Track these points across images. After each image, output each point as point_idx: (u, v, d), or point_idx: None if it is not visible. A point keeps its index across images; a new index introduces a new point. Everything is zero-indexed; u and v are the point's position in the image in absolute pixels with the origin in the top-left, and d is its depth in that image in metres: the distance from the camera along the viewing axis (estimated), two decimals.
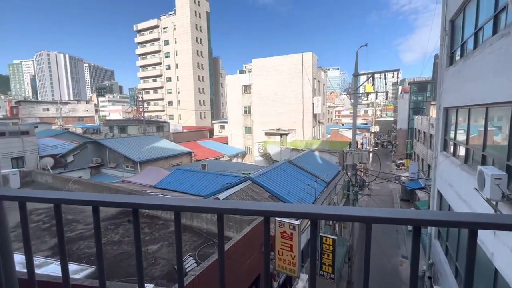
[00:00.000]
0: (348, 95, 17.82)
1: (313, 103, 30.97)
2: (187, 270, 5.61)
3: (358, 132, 33.56)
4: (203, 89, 63.18)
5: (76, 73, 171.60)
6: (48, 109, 53.66)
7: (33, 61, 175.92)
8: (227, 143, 36.17)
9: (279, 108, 32.24)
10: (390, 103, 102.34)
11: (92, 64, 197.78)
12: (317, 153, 20.90)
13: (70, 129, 39.92)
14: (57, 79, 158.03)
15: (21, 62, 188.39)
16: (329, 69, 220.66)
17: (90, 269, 5.91)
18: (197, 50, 61.48)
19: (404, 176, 26.14)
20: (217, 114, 69.43)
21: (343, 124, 58.37)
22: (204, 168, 18.16)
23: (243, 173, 15.60)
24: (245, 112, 35.49)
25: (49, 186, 13.71)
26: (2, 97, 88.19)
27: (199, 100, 61.93)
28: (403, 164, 37.36)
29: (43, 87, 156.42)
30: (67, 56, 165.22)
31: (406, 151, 37.39)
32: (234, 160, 30.03)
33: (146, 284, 4.35)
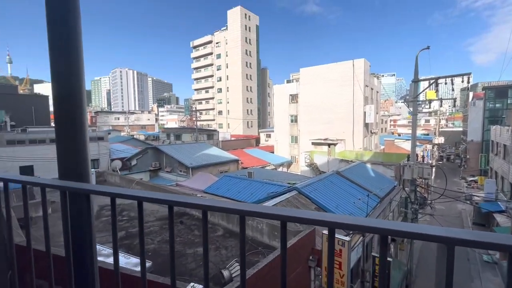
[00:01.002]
0: (405, 103, 16.33)
1: (364, 112, 29.18)
2: (233, 275, 5.71)
3: (418, 143, 30.26)
4: (250, 99, 65.20)
5: (142, 87, 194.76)
6: (118, 118, 61.83)
7: (109, 77, 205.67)
8: (273, 152, 36.34)
9: (327, 117, 31.23)
10: (458, 111, 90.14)
11: (154, 78, 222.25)
12: (369, 165, 19.48)
13: (135, 136, 45.20)
14: (126, 92, 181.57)
15: (100, 78, 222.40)
16: (383, 76, 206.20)
17: (147, 264, 6.47)
18: (246, 62, 64.03)
19: (477, 196, 22.47)
20: (263, 123, 70.62)
21: (399, 135, 53.38)
22: (250, 176, 18.51)
23: (289, 183, 15.40)
24: (292, 121, 35.31)
25: (117, 185, 15.63)
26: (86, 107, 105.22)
27: (247, 110, 63.98)
28: (475, 181, 32.21)
29: (115, 99, 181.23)
30: (135, 72, 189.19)
31: (480, 166, 32.24)
32: (280, 169, 29.92)
33: (195, 285, 4.56)
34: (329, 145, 28.30)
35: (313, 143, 30.11)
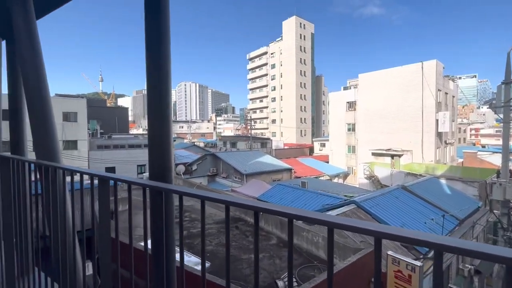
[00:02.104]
0: (492, 109, 13.82)
1: (437, 120, 25.71)
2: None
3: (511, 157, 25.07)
4: (304, 107, 64.36)
5: (202, 98, 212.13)
6: (182, 127, 68.42)
7: (175, 90, 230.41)
8: (327, 162, 34.85)
9: (390, 125, 28.55)
10: None
11: (213, 89, 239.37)
12: (443, 181, 16.94)
13: (195, 143, 49.17)
14: (189, 103, 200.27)
15: None
16: (460, 78, 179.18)
17: (206, 264, 6.85)
18: (301, 71, 63.76)
19: None
20: (317, 131, 68.64)
21: (483, 146, 45.15)
22: (304, 185, 18.07)
23: (346, 195, 14.49)
24: (349, 130, 33.39)
25: None
26: None
27: (300, 118, 63.26)
28: None
29: (180, 110, 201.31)
30: (197, 84, 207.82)
31: None
32: (335, 180, 28.45)
33: None
34: (392, 156, 25.73)
35: (373, 154, 27.81)
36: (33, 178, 2.01)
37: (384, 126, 28.94)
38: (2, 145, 2.86)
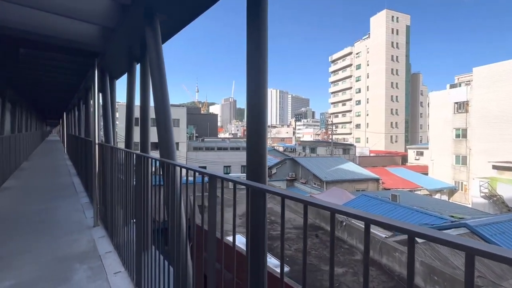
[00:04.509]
0: None
1: None
2: None
3: None
4: (396, 110, 56.89)
5: (282, 103, 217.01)
6: None
7: None
8: (426, 174, 29.57)
9: None
10: None
11: (293, 95, 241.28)
12: None
13: (275, 147, 50.55)
14: (270, 108, 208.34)
15: None
16: None
17: (286, 268, 6.88)
18: (392, 69, 56.83)
19: None
20: (412, 138, 59.30)
21: None
22: (395, 199, 15.91)
23: (453, 216, 11.91)
24: (457, 136, 27.43)
25: None
26: (239, 123, 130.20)
27: (391, 122, 56.18)
28: None
29: None
30: (278, 90, 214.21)
31: None
32: (436, 196, 23.83)
33: None
34: None
35: (494, 167, 21.90)
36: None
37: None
38: (149, 147, 3.65)
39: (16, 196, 6.08)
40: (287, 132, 73.60)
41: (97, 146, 4.42)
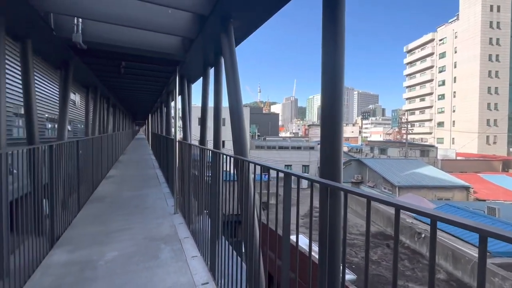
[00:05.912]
0: None
1: None
2: None
3: None
4: (495, 104, 46.69)
5: (347, 100, 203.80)
6: None
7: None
8: None
9: None
10: None
11: (360, 91, 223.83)
12: None
13: None
14: None
15: (313, 96, 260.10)
16: None
17: (351, 276, 6.48)
18: (489, 55, 46.81)
19: None
20: None
21: None
22: (492, 212, 13.14)
23: None
24: None
25: None
26: (300, 122, 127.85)
27: (487, 120, 46.42)
28: None
29: None
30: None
31: None
32: None
33: None
34: None
35: None
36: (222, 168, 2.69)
37: None
38: (220, 144, 4.00)
39: (118, 183, 7.42)
40: (352, 132, 68.71)
41: (177, 143, 5.03)
